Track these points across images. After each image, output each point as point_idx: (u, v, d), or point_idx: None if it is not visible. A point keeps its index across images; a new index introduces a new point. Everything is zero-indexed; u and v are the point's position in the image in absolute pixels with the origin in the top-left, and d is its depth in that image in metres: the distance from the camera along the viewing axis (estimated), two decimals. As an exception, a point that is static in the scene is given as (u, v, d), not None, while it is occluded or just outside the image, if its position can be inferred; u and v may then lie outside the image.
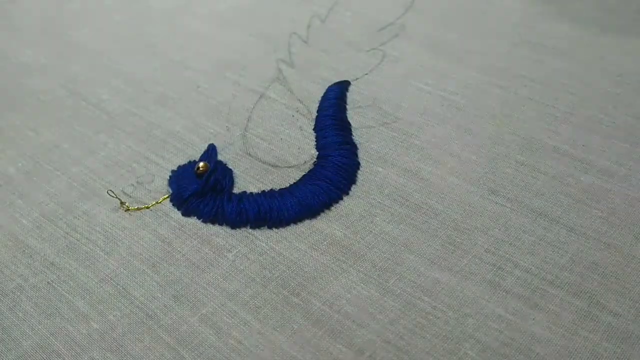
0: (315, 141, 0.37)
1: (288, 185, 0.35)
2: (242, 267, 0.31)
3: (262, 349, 0.28)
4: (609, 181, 0.34)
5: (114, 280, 0.31)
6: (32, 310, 0.30)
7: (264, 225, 0.33)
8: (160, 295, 0.30)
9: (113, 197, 0.34)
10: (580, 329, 0.27)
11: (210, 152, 0.36)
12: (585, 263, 0.30)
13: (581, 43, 0.44)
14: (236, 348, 0.28)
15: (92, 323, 0.29)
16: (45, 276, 0.31)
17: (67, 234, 0.33)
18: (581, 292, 0.29)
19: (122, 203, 0.34)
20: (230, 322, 0.29)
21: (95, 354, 0.28)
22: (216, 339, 0.28)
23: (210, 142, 0.38)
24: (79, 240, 0.33)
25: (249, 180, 0.35)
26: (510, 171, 0.34)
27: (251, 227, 0.33)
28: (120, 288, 0.30)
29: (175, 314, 0.29)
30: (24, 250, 0.33)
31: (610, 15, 0.46)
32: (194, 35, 0.48)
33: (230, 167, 0.36)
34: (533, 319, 0.28)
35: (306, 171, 0.35)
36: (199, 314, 0.29)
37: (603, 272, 0.29)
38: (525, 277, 0.29)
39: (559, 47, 0.43)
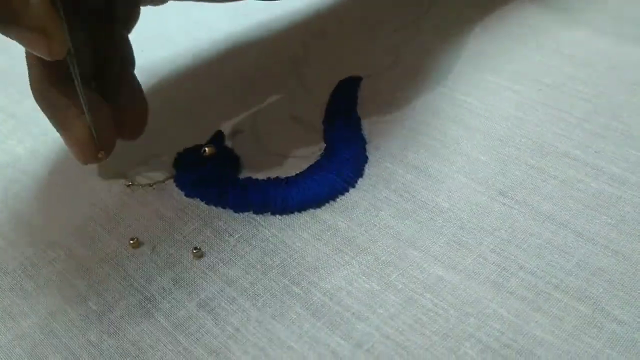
0: (324, 133, 0.37)
1: (294, 174, 0.34)
2: (243, 253, 0.31)
3: (259, 338, 0.27)
4: (620, 188, 0.33)
5: (114, 261, 0.31)
6: (31, 289, 0.30)
7: (267, 212, 0.32)
8: (159, 278, 0.30)
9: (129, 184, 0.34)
10: (583, 334, 0.27)
11: (217, 138, 0.36)
12: (591, 269, 0.29)
13: (597, 51, 0.43)
14: (233, 335, 0.27)
15: (90, 304, 0.29)
16: (46, 255, 0.31)
17: (69, 211, 0.33)
18: (586, 297, 0.28)
19: (127, 180, 0.34)
20: (228, 308, 0.28)
21: (92, 336, 0.28)
22: (213, 325, 0.28)
23: (219, 128, 0.38)
24: (80, 218, 0.33)
25: (255, 168, 0.35)
26: (520, 173, 0.34)
27: (255, 212, 0.32)
28: (120, 269, 0.30)
29: (173, 298, 0.29)
30: (26, 229, 0.33)
31: (627, 24, 0.46)
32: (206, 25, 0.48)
33: (237, 154, 0.36)
34: (536, 322, 0.27)
35: (313, 162, 0.35)
36: (198, 299, 0.29)
37: (609, 278, 0.29)
38: (529, 279, 0.29)
39: (575, 54, 0.43)
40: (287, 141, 0.37)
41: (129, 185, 0.34)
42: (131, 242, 0.31)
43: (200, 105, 0.40)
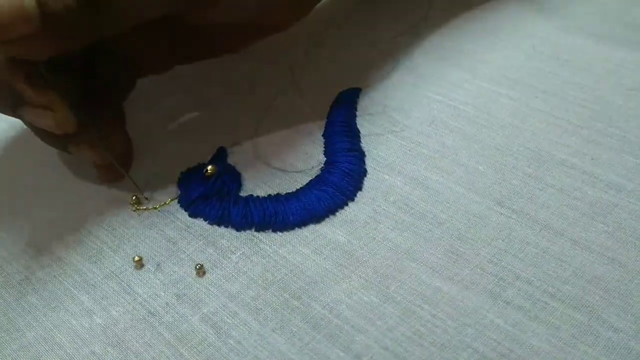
0: (324, 147, 0.38)
1: (295, 189, 0.35)
2: (245, 269, 0.31)
3: (260, 350, 0.28)
4: (616, 196, 0.33)
5: (118, 277, 0.31)
6: (37, 302, 0.31)
7: (268, 229, 0.33)
8: (163, 294, 0.30)
9: (133, 198, 0.35)
10: (580, 343, 0.27)
11: (220, 155, 0.37)
12: (587, 277, 0.30)
13: (595, 56, 0.44)
14: (235, 348, 0.28)
15: (95, 318, 0.30)
16: (52, 270, 0.32)
17: (76, 230, 0.34)
18: (582, 306, 0.28)
19: (137, 202, 0.34)
20: (230, 322, 0.29)
21: (96, 348, 0.28)
22: (216, 338, 0.28)
23: (221, 145, 0.38)
24: (86, 237, 0.33)
25: (256, 183, 0.36)
26: (517, 182, 0.34)
27: (256, 230, 0.33)
28: (125, 285, 0.31)
29: (176, 312, 0.30)
30: (32, 244, 0.33)
31: (625, 29, 0.46)
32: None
33: (238, 170, 0.36)
34: (532, 331, 0.28)
35: (313, 176, 0.36)
36: (200, 313, 0.29)
37: (606, 286, 0.29)
38: (526, 288, 0.29)
39: (573, 60, 0.43)
40: (288, 155, 0.37)
41: (135, 210, 0.34)
42: (136, 260, 0.31)
43: (201, 121, 0.41)
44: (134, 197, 0.35)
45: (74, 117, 0.31)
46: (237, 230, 0.33)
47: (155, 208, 0.35)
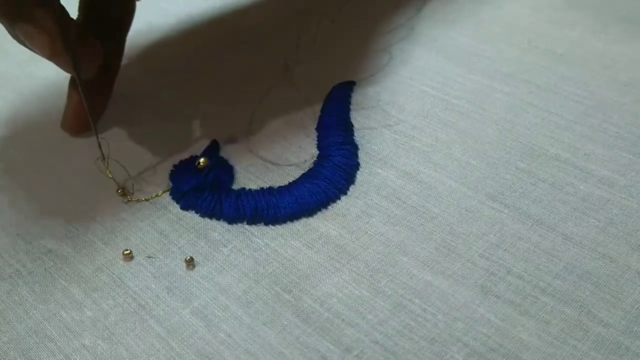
0: (317, 140, 0.38)
1: (287, 183, 0.35)
2: (236, 262, 0.31)
3: (251, 344, 0.28)
4: (608, 191, 0.33)
5: (109, 270, 0.31)
6: (28, 295, 0.30)
7: (260, 222, 0.33)
8: (154, 286, 0.30)
9: (119, 190, 0.35)
10: (570, 337, 0.27)
11: (212, 148, 0.37)
12: (578, 272, 0.30)
13: (590, 51, 0.44)
14: (225, 341, 0.28)
15: (85, 310, 0.30)
16: (43, 262, 0.32)
17: (67, 222, 0.34)
18: (572, 300, 0.29)
19: (123, 194, 0.34)
20: (221, 315, 0.29)
21: (86, 341, 0.28)
22: (206, 331, 0.28)
23: (214, 138, 0.38)
24: (77, 229, 0.33)
25: (249, 177, 0.36)
26: (510, 177, 0.34)
27: (248, 223, 0.33)
28: (116, 277, 0.31)
29: (167, 305, 0.29)
30: (23, 237, 0.33)
31: (621, 24, 0.46)
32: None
33: (231, 163, 0.36)
34: (522, 326, 0.28)
35: (306, 170, 0.36)
36: (191, 306, 0.29)
37: (596, 281, 0.29)
38: (517, 283, 0.29)
39: (568, 55, 0.43)
40: (281, 149, 0.37)
41: (126, 202, 0.34)
42: (125, 252, 0.31)
43: (194, 114, 0.41)
44: (119, 190, 0.35)
45: (63, 47, 0.32)
46: (229, 223, 0.33)
47: (147, 200, 0.35)
